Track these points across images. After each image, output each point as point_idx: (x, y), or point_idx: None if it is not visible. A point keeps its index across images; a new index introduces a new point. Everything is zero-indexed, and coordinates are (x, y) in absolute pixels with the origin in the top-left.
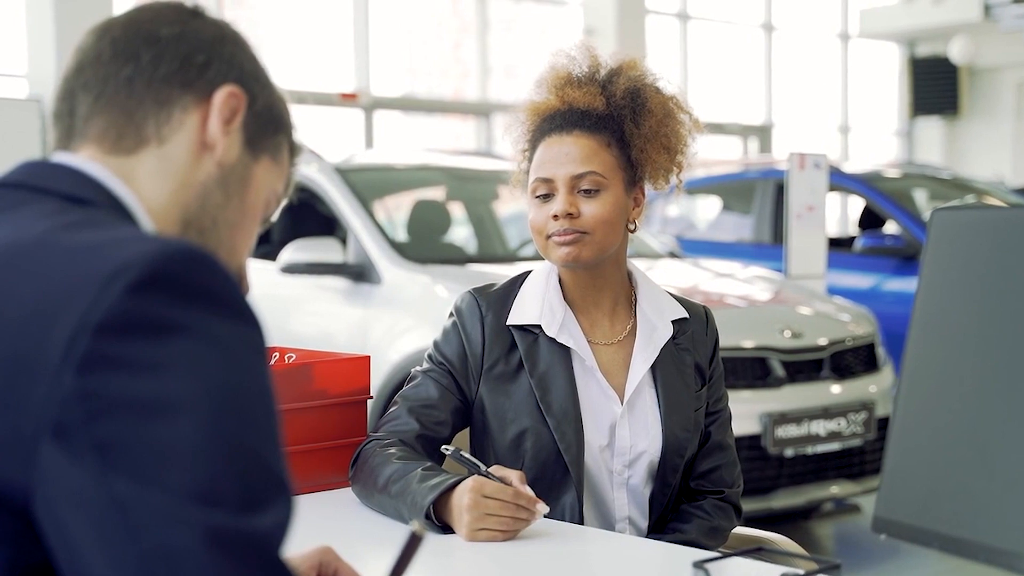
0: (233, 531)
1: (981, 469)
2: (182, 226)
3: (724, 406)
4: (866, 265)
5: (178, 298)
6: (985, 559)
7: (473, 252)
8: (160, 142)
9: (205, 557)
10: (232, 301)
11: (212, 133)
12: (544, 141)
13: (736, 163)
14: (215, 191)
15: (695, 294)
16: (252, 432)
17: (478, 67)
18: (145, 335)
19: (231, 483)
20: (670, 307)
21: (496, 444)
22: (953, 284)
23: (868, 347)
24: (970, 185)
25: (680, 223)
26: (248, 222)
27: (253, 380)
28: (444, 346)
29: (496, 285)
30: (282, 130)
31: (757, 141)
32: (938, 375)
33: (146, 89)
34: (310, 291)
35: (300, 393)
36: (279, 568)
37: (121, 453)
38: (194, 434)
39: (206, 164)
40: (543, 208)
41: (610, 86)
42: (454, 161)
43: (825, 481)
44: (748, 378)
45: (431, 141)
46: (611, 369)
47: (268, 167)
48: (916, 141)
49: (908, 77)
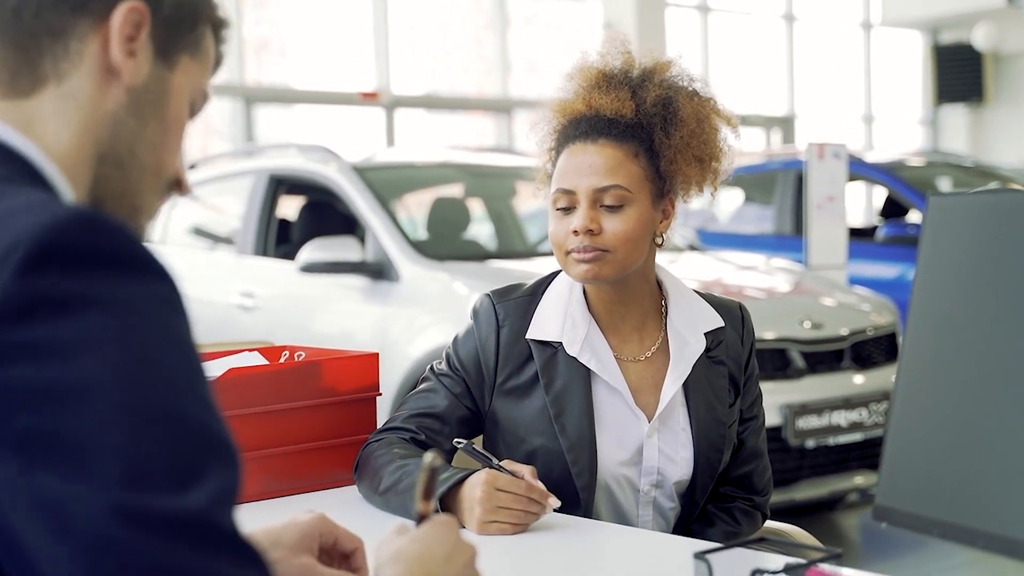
0: (170, 513)
1: (981, 456)
2: (96, 161)
3: (758, 412)
4: (889, 254)
5: (72, 270)
6: (984, 546)
7: (493, 249)
8: (59, 79)
9: (145, 545)
10: (131, 258)
11: (115, 59)
12: (568, 148)
13: (758, 154)
14: (128, 119)
15: (716, 287)
16: (176, 396)
17: (499, 63)
18: (44, 317)
19: (160, 461)
20: (703, 316)
21: (509, 456)
22: (951, 270)
23: (889, 337)
24: (994, 172)
25: (702, 215)
26: (172, 136)
27: (167, 337)
28: (461, 349)
29: (519, 289)
30: (200, 20)
31: (780, 132)
32: (937, 362)
33: (35, 19)
34: (330, 290)
35: (309, 391)
36: (228, 539)
37: (40, 447)
38: (113, 415)
39: (114, 92)
40: (563, 221)
41: (641, 91)
42: (473, 158)
43: (848, 472)
44: (768, 369)
45: (453, 138)
46: (641, 387)
47: (187, 68)
48: (941, 129)
49: (932, 65)
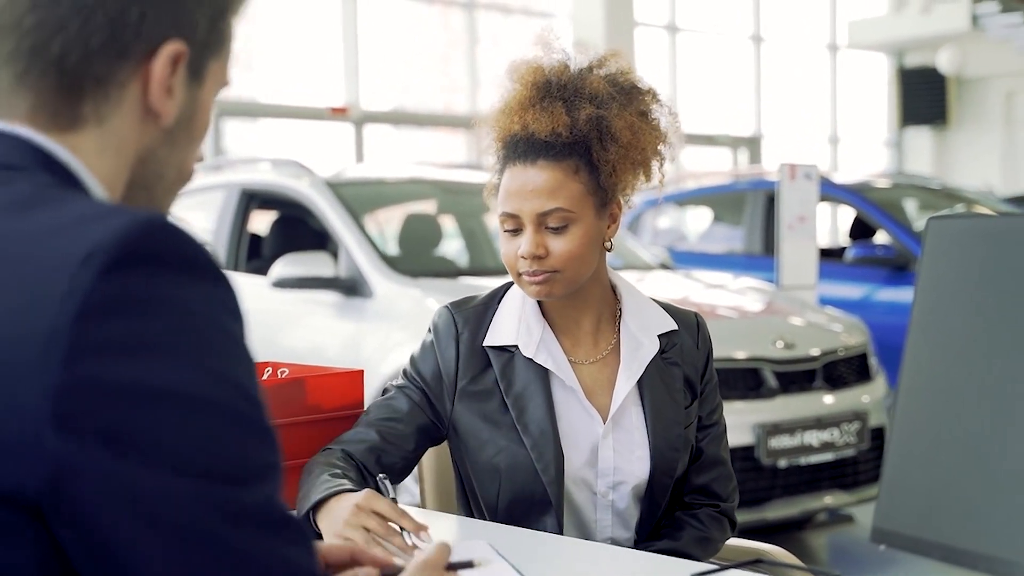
0: (252, 504)
1: (980, 479)
2: (127, 188)
3: (718, 419)
4: (857, 275)
5: (151, 272)
6: (985, 568)
7: (465, 265)
8: (99, 121)
9: (233, 535)
10: (202, 264)
11: (155, 102)
12: (508, 169)
13: (726, 174)
14: (161, 148)
15: (686, 305)
16: (241, 395)
17: (467, 80)
18: (126, 316)
19: (239, 456)
20: (657, 320)
21: (474, 465)
22: (950, 293)
23: (860, 357)
24: (960, 194)
25: (671, 234)
26: (195, 147)
27: (232, 341)
28: (420, 363)
29: (476, 299)
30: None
31: (747, 152)
32: (936, 384)
33: (78, 66)
34: (302, 306)
35: (293, 408)
36: (292, 523)
37: (128, 442)
38: (194, 413)
39: (151, 129)
40: (512, 243)
41: (573, 109)
42: (445, 175)
43: (819, 491)
44: (741, 389)
45: (421, 155)
46: (594, 388)
47: (215, 72)
48: (905, 151)
49: (897, 87)
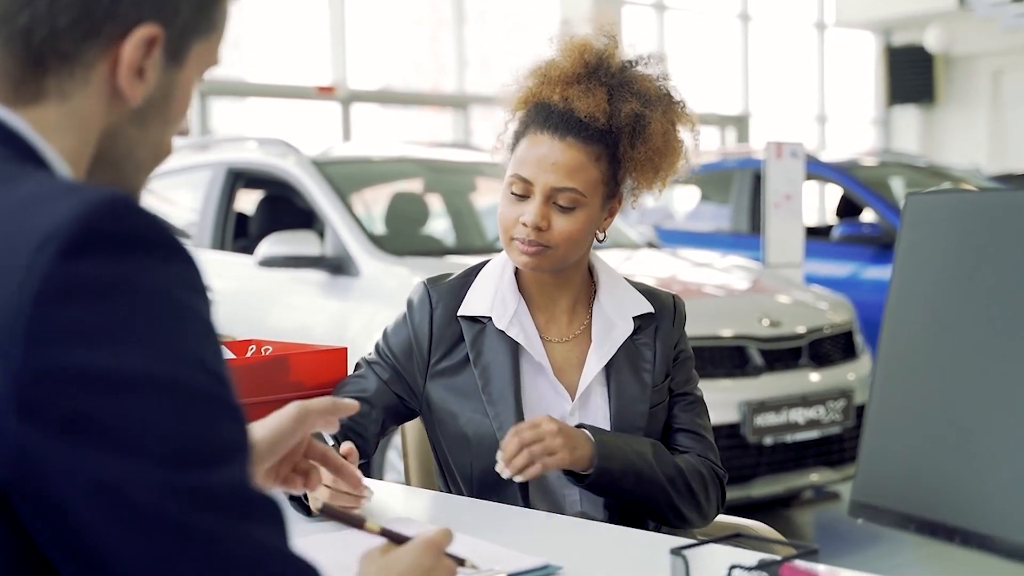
0: (219, 487)
1: (957, 453)
2: (92, 163)
3: (691, 389)
4: (844, 253)
5: (111, 254)
6: (961, 541)
7: (451, 244)
8: (63, 97)
9: (200, 520)
10: (163, 243)
11: (123, 84)
12: (534, 134)
13: (713, 153)
14: (130, 127)
15: (673, 284)
16: (207, 376)
17: (455, 60)
18: (86, 300)
19: (203, 438)
20: (633, 302)
21: (446, 439)
22: (928, 268)
23: (846, 335)
24: (946, 173)
25: (658, 213)
26: (172, 127)
27: (197, 321)
28: (392, 338)
29: (452, 275)
30: (216, 12)
31: (735, 131)
32: (914, 359)
33: (44, 42)
34: (288, 284)
35: (276, 385)
36: (262, 502)
37: (89, 429)
38: (158, 397)
39: (118, 107)
40: (515, 207)
41: (617, 98)
42: (432, 153)
43: (804, 469)
44: (727, 367)
45: (409, 134)
46: (564, 367)
47: (198, 53)
48: (893, 130)
49: (884, 66)
